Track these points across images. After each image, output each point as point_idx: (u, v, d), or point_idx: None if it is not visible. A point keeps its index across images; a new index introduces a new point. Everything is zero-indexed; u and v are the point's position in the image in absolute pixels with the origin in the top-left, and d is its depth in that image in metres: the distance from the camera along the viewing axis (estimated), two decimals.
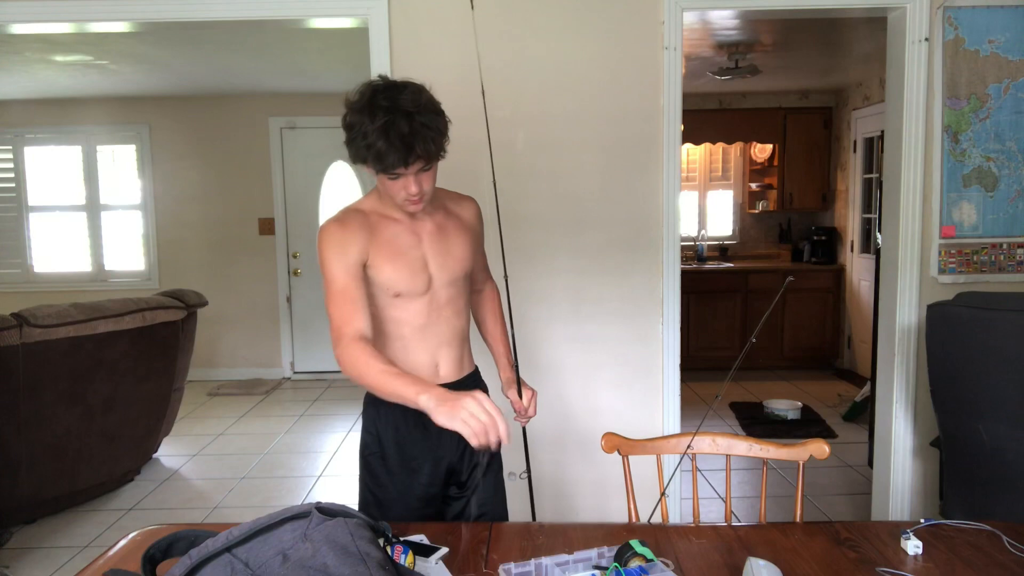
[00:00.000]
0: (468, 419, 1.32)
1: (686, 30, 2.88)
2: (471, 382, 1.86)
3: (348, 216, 1.69)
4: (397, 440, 1.75)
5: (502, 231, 2.07)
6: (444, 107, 1.61)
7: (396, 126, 1.51)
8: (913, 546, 1.44)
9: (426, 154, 1.56)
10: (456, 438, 1.73)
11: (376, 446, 1.76)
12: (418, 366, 1.73)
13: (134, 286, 6.40)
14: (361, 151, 1.56)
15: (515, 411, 1.83)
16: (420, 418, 1.70)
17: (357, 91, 1.57)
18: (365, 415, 1.80)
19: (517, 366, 1.90)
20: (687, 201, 6.85)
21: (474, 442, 1.33)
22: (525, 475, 1.96)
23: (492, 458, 1.85)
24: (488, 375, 1.96)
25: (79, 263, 6.60)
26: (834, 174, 6.54)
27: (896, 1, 2.82)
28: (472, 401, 1.33)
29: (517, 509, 1.99)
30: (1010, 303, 2.26)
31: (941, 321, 2.44)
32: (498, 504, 1.87)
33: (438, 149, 1.60)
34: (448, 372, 1.79)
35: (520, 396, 1.82)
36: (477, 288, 2.00)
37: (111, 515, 3.70)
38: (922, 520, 1.56)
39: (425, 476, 1.76)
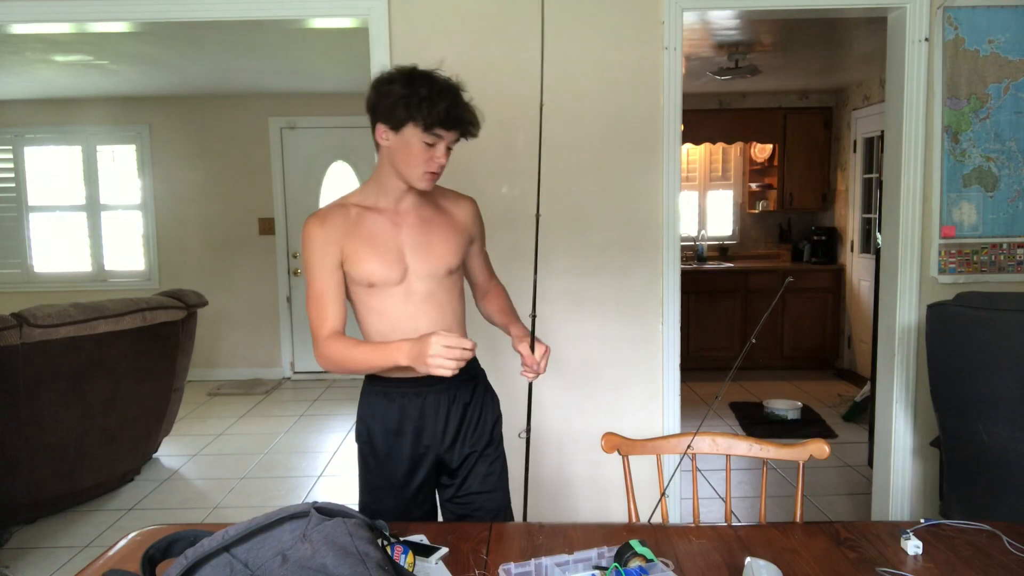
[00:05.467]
0: (440, 361, 1.48)
1: (686, 30, 2.89)
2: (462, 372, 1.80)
3: (330, 212, 1.73)
4: (384, 429, 1.78)
5: (537, 235, 2.00)
6: None
7: (452, 90, 1.64)
8: (913, 546, 1.44)
9: (469, 126, 1.66)
10: (441, 431, 1.78)
11: (366, 435, 1.81)
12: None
13: (134, 286, 6.40)
14: (412, 107, 1.60)
15: (524, 365, 1.79)
16: (405, 411, 1.76)
17: (388, 72, 1.66)
18: (359, 405, 1.84)
19: (534, 327, 1.83)
20: (687, 201, 6.84)
21: (451, 371, 1.49)
22: (525, 435, 1.91)
23: (489, 444, 1.84)
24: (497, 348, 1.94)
25: (79, 263, 6.60)
26: (834, 174, 6.53)
27: (896, 1, 2.82)
28: (436, 344, 1.49)
29: (518, 500, 1.97)
30: (1010, 303, 2.26)
31: (941, 321, 2.44)
32: (495, 496, 1.85)
33: (474, 128, 1.70)
34: None
35: (533, 350, 1.78)
36: (483, 292, 2.01)
37: (111, 515, 3.70)
38: (922, 520, 1.56)
39: (406, 466, 1.78)
